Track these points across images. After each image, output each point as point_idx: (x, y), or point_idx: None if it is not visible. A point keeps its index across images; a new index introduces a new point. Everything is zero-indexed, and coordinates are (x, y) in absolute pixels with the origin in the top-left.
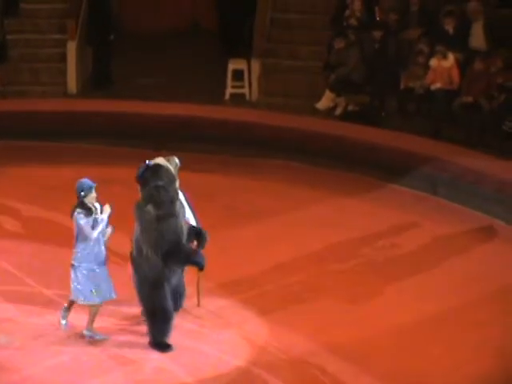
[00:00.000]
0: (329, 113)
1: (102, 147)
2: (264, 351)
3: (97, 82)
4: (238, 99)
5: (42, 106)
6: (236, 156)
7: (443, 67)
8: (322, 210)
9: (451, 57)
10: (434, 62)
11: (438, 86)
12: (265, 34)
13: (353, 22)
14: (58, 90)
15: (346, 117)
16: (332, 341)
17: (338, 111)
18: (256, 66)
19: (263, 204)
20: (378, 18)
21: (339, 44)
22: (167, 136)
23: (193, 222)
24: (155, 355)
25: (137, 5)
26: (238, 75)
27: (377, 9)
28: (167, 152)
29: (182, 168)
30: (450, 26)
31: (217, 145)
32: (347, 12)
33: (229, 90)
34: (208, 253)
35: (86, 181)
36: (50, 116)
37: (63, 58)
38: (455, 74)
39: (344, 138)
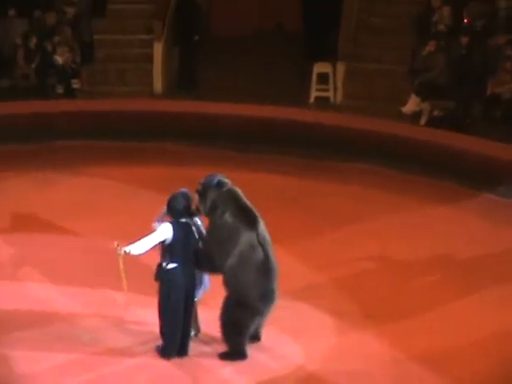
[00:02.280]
0: (414, 117)
1: (186, 148)
2: (344, 357)
3: (182, 82)
4: (323, 102)
5: (128, 106)
6: (319, 159)
7: None
8: (408, 216)
9: None
10: None
11: None
12: (350, 38)
13: (441, 27)
14: (144, 90)
15: (431, 123)
16: (414, 349)
17: (423, 120)
18: (341, 69)
19: (346, 209)
20: (465, 23)
21: (431, 47)
22: (250, 138)
23: None
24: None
25: (223, 7)
26: (322, 78)
27: (465, 14)
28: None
29: (265, 170)
30: None
31: (300, 148)
32: (435, 17)
33: (313, 93)
34: (291, 257)
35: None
36: (135, 116)
37: (149, 58)
38: None
39: (430, 144)
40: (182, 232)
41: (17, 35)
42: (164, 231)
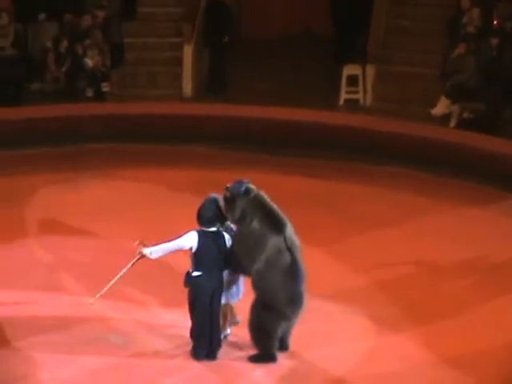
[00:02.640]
0: (444, 119)
1: (217, 151)
2: (377, 360)
3: (212, 85)
4: (353, 105)
5: (158, 109)
6: (350, 162)
7: None
8: (440, 219)
9: None
10: None
11: None
12: (380, 41)
13: (471, 29)
14: (174, 93)
15: (461, 125)
16: (448, 351)
17: (453, 122)
18: (371, 71)
19: (379, 212)
20: (495, 25)
21: (461, 49)
22: (281, 141)
23: None
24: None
25: (253, 9)
26: (352, 81)
27: (494, 16)
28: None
29: (296, 173)
30: None
31: (332, 151)
32: (465, 19)
33: (343, 96)
34: (323, 260)
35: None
36: (165, 119)
37: (179, 61)
38: None
39: (462, 146)
40: (209, 241)
41: (47, 39)
42: (188, 239)
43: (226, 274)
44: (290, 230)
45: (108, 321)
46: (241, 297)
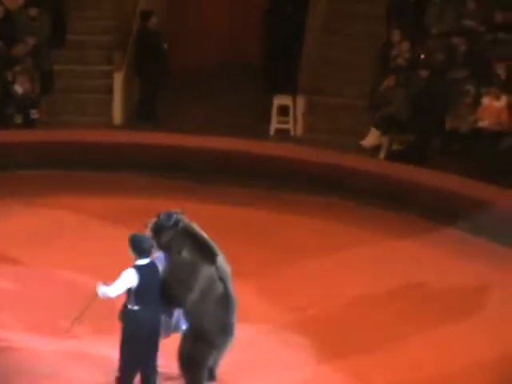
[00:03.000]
0: (374, 150)
1: (146, 179)
2: None
3: (142, 114)
4: (283, 135)
5: (87, 137)
6: (280, 192)
7: (494, 107)
8: (367, 249)
9: (504, 98)
10: (485, 101)
11: (486, 123)
12: (311, 71)
13: (401, 61)
14: (104, 120)
15: (390, 156)
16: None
17: (382, 153)
18: (301, 102)
19: (303, 241)
20: (422, 57)
21: (390, 82)
22: (211, 170)
23: None
24: None
25: (186, 38)
26: (283, 111)
27: (422, 49)
28: (210, 186)
29: (226, 202)
30: (502, 71)
31: (261, 180)
32: (394, 51)
33: (274, 126)
34: (250, 291)
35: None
36: (95, 147)
37: (109, 89)
38: (505, 115)
39: (388, 177)
40: (147, 275)
41: None
42: (129, 278)
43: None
44: (221, 259)
45: (34, 351)
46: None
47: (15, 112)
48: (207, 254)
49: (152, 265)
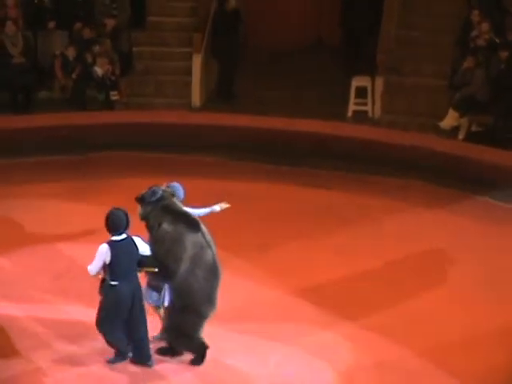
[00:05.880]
0: (452, 132)
1: (224, 161)
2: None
3: (220, 95)
4: (361, 116)
5: (165, 118)
6: (356, 173)
7: None
8: (439, 230)
9: None
10: None
11: None
12: (389, 52)
13: (481, 42)
14: (183, 102)
15: (470, 137)
16: None
17: (461, 134)
18: (379, 83)
19: (377, 220)
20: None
21: (469, 63)
22: (287, 151)
23: None
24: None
25: (263, 20)
26: (361, 92)
27: (505, 29)
28: (288, 167)
29: (300, 183)
30: None
31: (337, 161)
32: (474, 32)
33: (351, 107)
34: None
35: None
36: (173, 128)
37: (188, 71)
38: None
39: (467, 159)
40: (121, 251)
41: (56, 47)
42: (102, 253)
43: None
44: (204, 228)
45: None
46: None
47: (95, 93)
48: (190, 223)
49: (128, 240)
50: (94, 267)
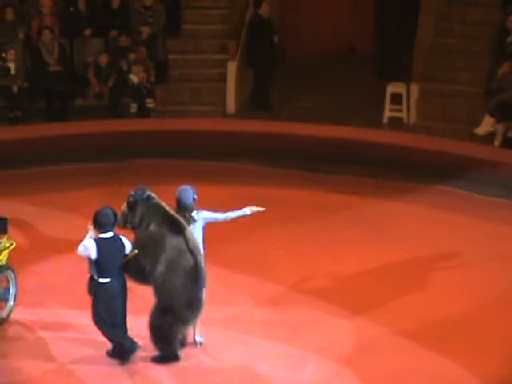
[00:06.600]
0: (487, 138)
1: (258, 167)
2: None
3: (255, 103)
4: (396, 123)
5: (201, 126)
6: (391, 180)
7: None
8: (472, 236)
9: None
10: None
11: None
12: (425, 59)
13: None
14: (218, 110)
15: (506, 144)
16: None
17: (497, 140)
18: (415, 89)
19: (412, 228)
20: None
21: (506, 68)
22: (322, 158)
23: None
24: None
25: (297, 28)
26: (396, 99)
27: None
28: (322, 174)
29: (334, 190)
30: None
31: (372, 168)
32: (509, 38)
33: (387, 114)
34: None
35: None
36: (209, 136)
37: (223, 78)
38: None
39: (503, 165)
40: (108, 248)
41: (92, 55)
42: (86, 248)
43: None
44: (190, 233)
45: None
46: None
47: (131, 101)
48: (175, 225)
49: (115, 239)
50: (80, 250)
